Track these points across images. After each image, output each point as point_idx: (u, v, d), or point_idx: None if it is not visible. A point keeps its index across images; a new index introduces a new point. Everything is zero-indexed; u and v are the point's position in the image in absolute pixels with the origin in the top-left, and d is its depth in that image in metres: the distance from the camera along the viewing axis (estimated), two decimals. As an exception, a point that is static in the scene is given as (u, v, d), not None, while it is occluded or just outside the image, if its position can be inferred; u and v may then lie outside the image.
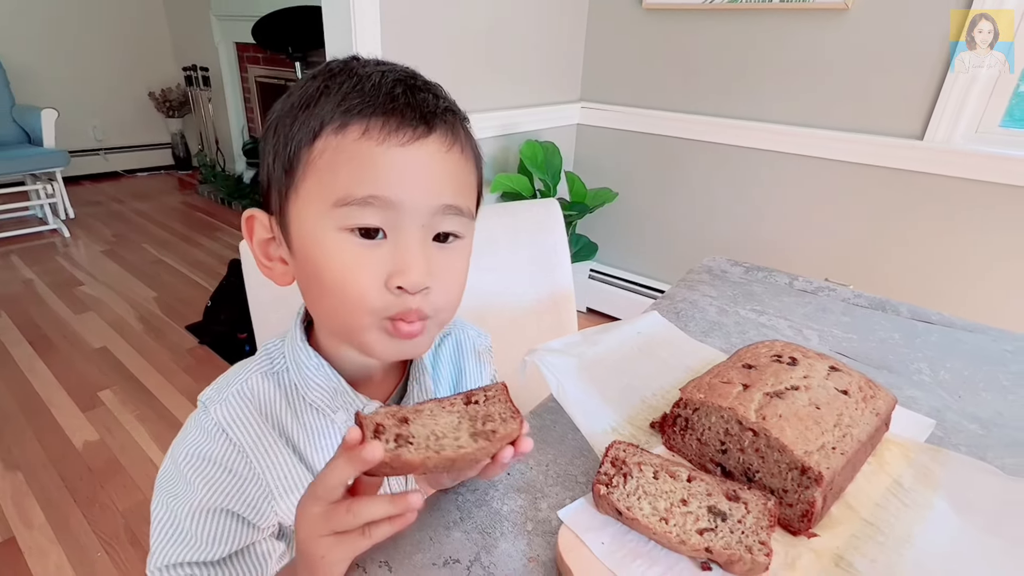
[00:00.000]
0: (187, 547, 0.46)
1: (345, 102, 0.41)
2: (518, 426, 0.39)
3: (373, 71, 0.43)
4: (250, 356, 0.53)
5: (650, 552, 0.40)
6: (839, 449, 0.42)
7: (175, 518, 0.47)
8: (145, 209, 3.83)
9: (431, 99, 0.44)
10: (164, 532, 0.47)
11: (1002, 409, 0.61)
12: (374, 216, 0.41)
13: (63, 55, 3.98)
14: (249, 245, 0.49)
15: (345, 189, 0.41)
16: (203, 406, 0.49)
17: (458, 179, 0.45)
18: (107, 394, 1.93)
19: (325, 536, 0.36)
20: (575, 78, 2.25)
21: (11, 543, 1.38)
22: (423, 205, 0.42)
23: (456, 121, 0.46)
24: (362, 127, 0.41)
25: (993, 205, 1.54)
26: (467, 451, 0.37)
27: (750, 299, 0.83)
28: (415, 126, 0.42)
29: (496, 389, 0.42)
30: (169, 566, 0.46)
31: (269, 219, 0.47)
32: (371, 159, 0.41)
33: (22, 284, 2.70)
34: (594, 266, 2.43)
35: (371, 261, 0.42)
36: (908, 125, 1.63)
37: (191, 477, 0.46)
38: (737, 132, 1.92)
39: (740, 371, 0.50)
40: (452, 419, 0.39)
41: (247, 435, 0.47)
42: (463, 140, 0.46)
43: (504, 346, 0.69)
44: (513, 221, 0.98)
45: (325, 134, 0.41)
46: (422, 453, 0.36)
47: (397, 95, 0.42)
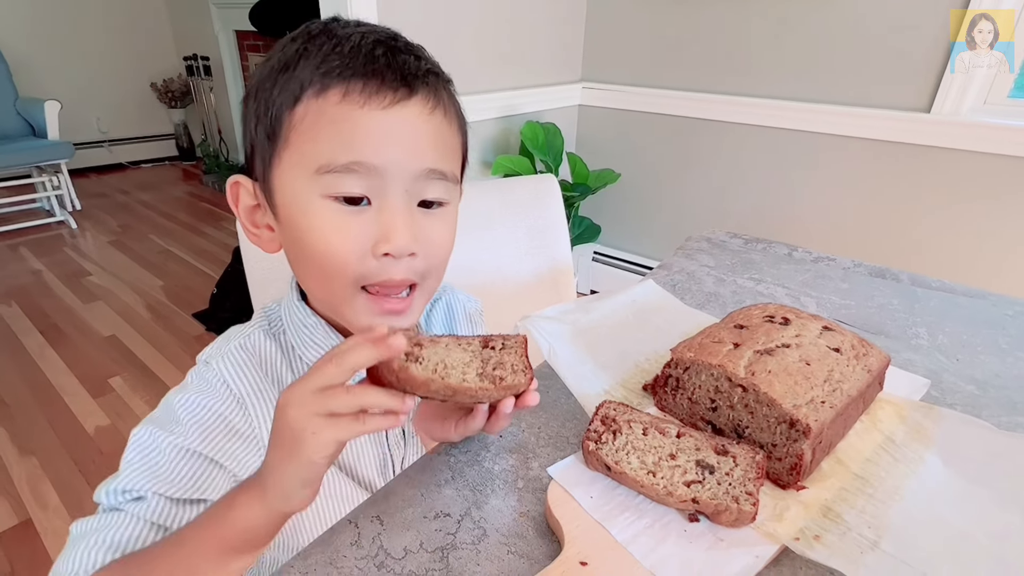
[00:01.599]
0: (159, 478, 0.43)
1: (324, 64, 0.41)
2: (527, 381, 0.40)
3: (353, 32, 0.42)
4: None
5: (638, 505, 0.40)
6: (828, 403, 0.42)
7: (156, 448, 0.44)
8: (150, 200, 3.86)
9: (412, 60, 0.43)
10: (140, 457, 0.44)
11: (1000, 371, 0.60)
12: (357, 183, 0.41)
13: (65, 48, 3.99)
14: (235, 212, 0.49)
15: (327, 155, 0.41)
16: (204, 363, 0.49)
17: (442, 142, 0.45)
18: (117, 381, 1.96)
19: (319, 415, 0.34)
20: (576, 58, 2.23)
21: (28, 525, 1.42)
22: (406, 169, 0.42)
23: (439, 83, 0.45)
24: (342, 90, 0.41)
25: (1002, 177, 1.52)
26: (469, 386, 0.37)
27: (748, 267, 0.83)
28: (396, 88, 0.41)
29: (516, 340, 0.42)
30: (131, 490, 0.43)
31: (254, 185, 0.47)
32: (351, 123, 0.40)
33: (31, 275, 2.74)
34: (597, 248, 2.42)
35: (355, 228, 0.42)
36: (915, 98, 1.60)
37: (185, 419, 0.45)
38: (741, 110, 1.89)
39: (731, 331, 0.50)
40: (465, 356, 0.39)
41: (248, 386, 0.48)
42: (446, 102, 0.45)
43: (503, 321, 0.69)
44: (510, 197, 0.98)
45: (306, 98, 0.41)
46: (427, 374, 0.36)
47: (377, 56, 0.41)
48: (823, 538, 0.38)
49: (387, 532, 0.39)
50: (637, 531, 0.38)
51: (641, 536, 0.38)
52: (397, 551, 0.38)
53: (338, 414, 0.34)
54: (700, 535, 0.38)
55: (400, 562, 0.37)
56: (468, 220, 0.95)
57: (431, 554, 0.38)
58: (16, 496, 1.50)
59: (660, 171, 2.17)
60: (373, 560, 0.37)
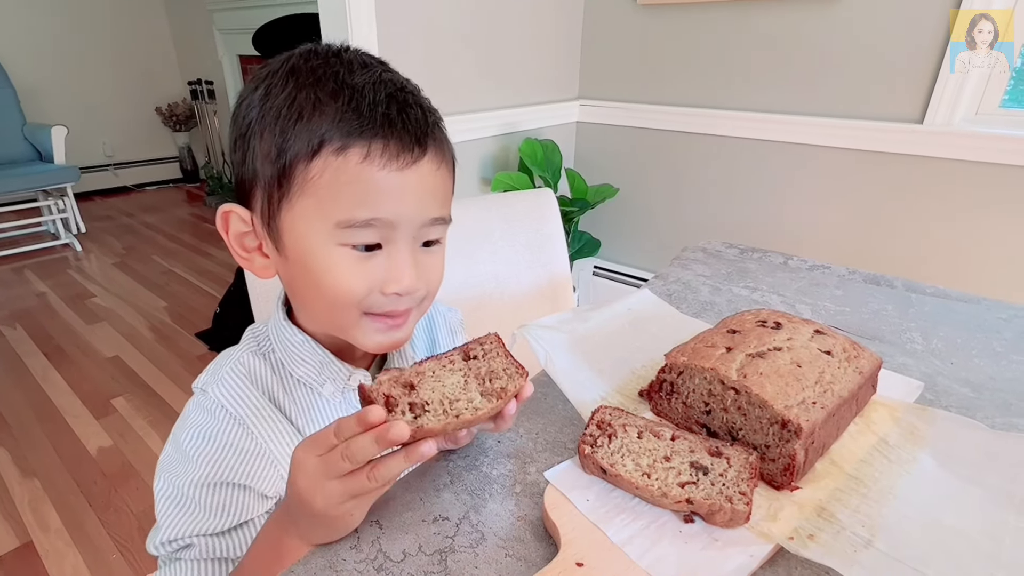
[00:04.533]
0: (194, 519, 0.47)
1: (344, 123, 0.42)
2: (523, 379, 0.41)
3: (364, 83, 0.43)
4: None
5: (634, 507, 0.41)
6: (819, 404, 0.43)
7: (180, 493, 0.47)
8: (154, 222, 3.90)
9: (421, 116, 0.45)
10: (170, 507, 0.48)
11: (994, 373, 0.61)
12: (373, 235, 0.44)
13: (72, 74, 4.08)
14: (225, 238, 0.50)
15: (348, 212, 0.43)
16: (200, 391, 0.50)
17: (443, 192, 0.48)
18: (120, 401, 1.96)
19: (347, 500, 0.37)
20: (573, 77, 2.26)
21: (29, 547, 1.41)
22: (416, 220, 0.45)
23: (441, 135, 0.48)
24: (363, 151, 0.42)
25: (995, 186, 1.53)
26: (483, 412, 0.38)
27: (744, 276, 0.84)
28: (412, 149, 0.44)
29: (491, 342, 0.43)
30: (176, 540, 0.47)
31: (249, 215, 0.48)
32: (373, 184, 0.43)
33: (36, 297, 2.76)
34: (597, 263, 2.43)
35: (367, 270, 0.45)
36: (907, 109, 1.63)
37: (194, 455, 0.47)
38: (736, 124, 1.92)
39: (724, 336, 0.51)
40: (458, 378, 0.40)
41: (247, 407, 0.49)
42: (446, 152, 0.48)
43: (503, 335, 0.70)
44: (508, 211, 1.00)
45: (325, 153, 0.42)
46: (442, 420, 0.37)
47: (393, 117, 0.43)
48: (817, 537, 0.38)
49: (386, 536, 0.40)
50: (633, 532, 0.39)
51: (637, 537, 0.38)
52: (396, 554, 0.38)
53: (367, 493, 0.37)
54: (695, 536, 0.39)
55: (399, 565, 0.37)
56: (468, 235, 0.97)
57: (429, 557, 0.38)
58: (18, 518, 1.49)
59: (658, 185, 2.19)
60: (372, 563, 0.37)
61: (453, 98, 1.80)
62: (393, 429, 0.34)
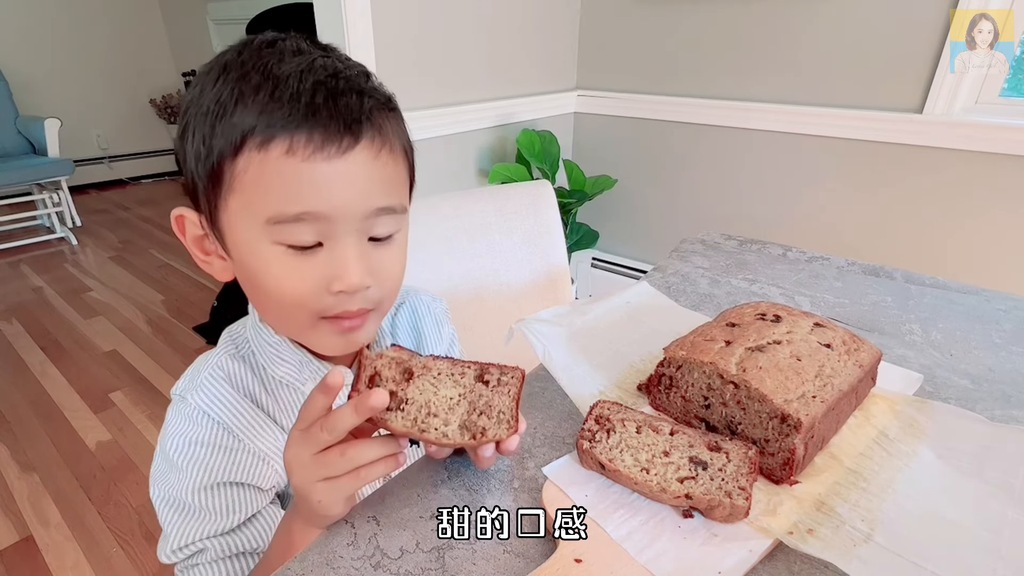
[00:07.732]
0: (201, 523, 0.47)
1: (265, 115, 0.39)
2: (508, 433, 0.39)
3: (291, 71, 0.40)
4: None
5: (633, 503, 0.41)
6: (819, 397, 0.43)
7: (179, 502, 0.47)
8: (150, 215, 3.88)
9: (354, 101, 0.41)
10: (173, 515, 0.47)
11: (993, 365, 0.61)
12: (307, 231, 0.41)
13: (65, 66, 4.03)
14: (183, 242, 0.48)
15: (275, 208, 0.40)
16: (179, 397, 0.50)
17: (388, 180, 0.45)
18: (118, 395, 1.96)
19: (319, 481, 0.37)
20: (570, 67, 2.25)
21: (29, 542, 1.41)
22: (355, 212, 0.42)
23: (383, 118, 0.44)
24: (286, 143, 0.39)
25: (994, 175, 1.53)
26: (448, 441, 0.38)
27: (742, 268, 0.84)
28: (340, 138, 0.40)
29: (513, 377, 0.40)
30: (187, 545, 0.47)
31: (199, 217, 0.46)
32: (297, 177, 0.40)
33: (32, 292, 2.75)
34: (596, 254, 2.43)
35: (309, 270, 0.42)
36: (907, 99, 1.62)
37: (184, 464, 0.47)
38: (735, 113, 1.91)
39: (723, 329, 0.50)
40: (453, 394, 0.39)
41: (228, 412, 0.49)
42: (391, 137, 0.44)
43: (501, 326, 0.70)
44: (505, 204, 0.99)
45: (247, 149, 0.40)
46: (407, 426, 0.37)
47: (319, 105, 0.40)
48: (816, 532, 0.38)
49: (383, 532, 0.39)
50: (632, 528, 0.39)
51: (636, 533, 0.38)
52: (393, 551, 0.38)
53: (336, 476, 0.37)
54: (694, 531, 0.39)
55: (396, 562, 0.37)
56: (465, 227, 0.96)
57: (427, 554, 0.38)
58: (17, 513, 1.49)
59: (656, 176, 2.18)
60: (369, 560, 0.37)
61: (450, 89, 1.78)
62: (373, 396, 0.34)
